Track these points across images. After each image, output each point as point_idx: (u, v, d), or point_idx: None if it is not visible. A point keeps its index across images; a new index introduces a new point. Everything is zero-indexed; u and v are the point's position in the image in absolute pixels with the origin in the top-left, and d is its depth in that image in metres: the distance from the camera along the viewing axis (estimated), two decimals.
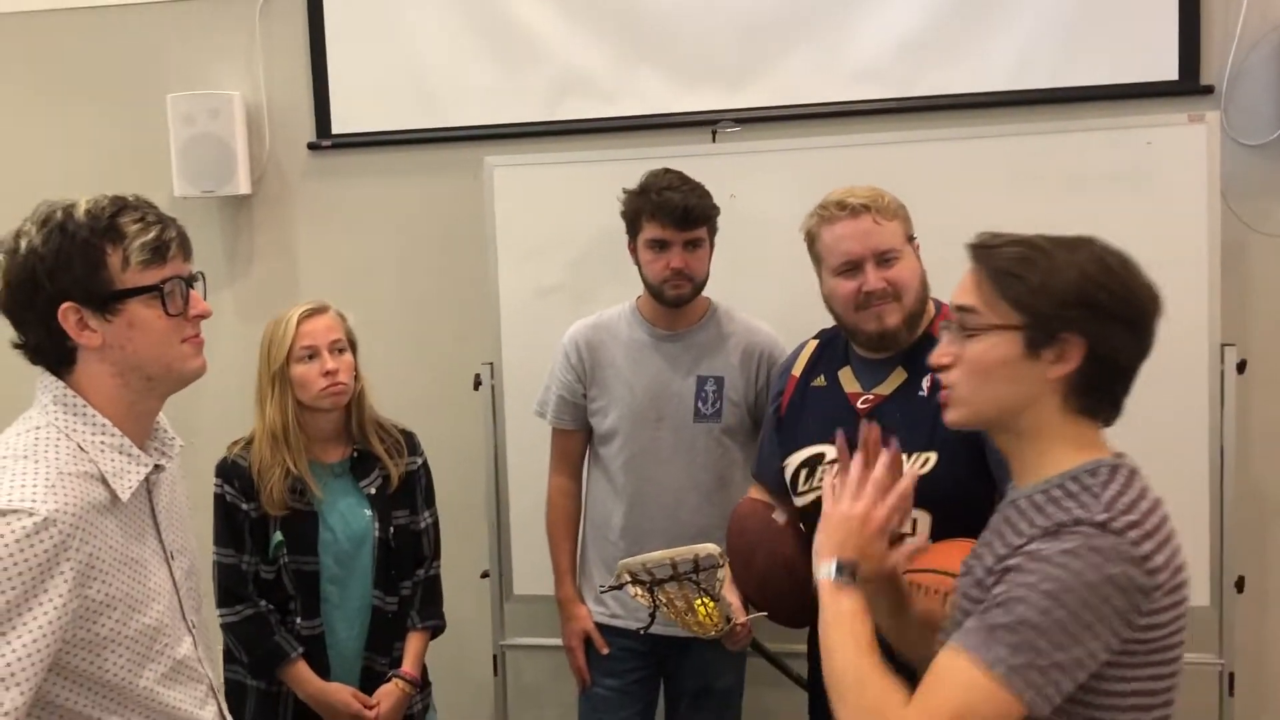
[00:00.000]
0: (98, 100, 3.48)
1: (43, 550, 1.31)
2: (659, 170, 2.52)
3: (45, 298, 1.41)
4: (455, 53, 3.25)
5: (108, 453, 1.44)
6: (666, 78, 3.14)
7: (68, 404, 1.44)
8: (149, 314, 1.45)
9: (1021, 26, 2.93)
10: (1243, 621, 2.78)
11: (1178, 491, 2.59)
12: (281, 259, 3.44)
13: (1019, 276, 1.37)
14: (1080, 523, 1.28)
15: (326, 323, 2.40)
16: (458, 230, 3.26)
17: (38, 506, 1.32)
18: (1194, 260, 2.65)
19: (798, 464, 2.06)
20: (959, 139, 2.81)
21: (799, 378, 2.15)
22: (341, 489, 2.43)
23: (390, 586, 2.45)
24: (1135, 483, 1.35)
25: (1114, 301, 1.35)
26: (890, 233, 2.02)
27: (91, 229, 1.42)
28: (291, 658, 2.35)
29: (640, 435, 2.54)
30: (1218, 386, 2.67)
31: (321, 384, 2.35)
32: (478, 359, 3.10)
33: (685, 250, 2.45)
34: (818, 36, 3.05)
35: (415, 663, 2.48)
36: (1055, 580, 1.25)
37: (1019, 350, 1.36)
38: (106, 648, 1.39)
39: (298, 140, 3.40)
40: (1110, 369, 1.37)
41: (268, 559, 2.36)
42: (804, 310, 2.84)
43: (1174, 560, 1.31)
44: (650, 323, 2.58)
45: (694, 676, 2.60)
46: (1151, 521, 1.30)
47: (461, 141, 3.26)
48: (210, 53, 3.41)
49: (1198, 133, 2.66)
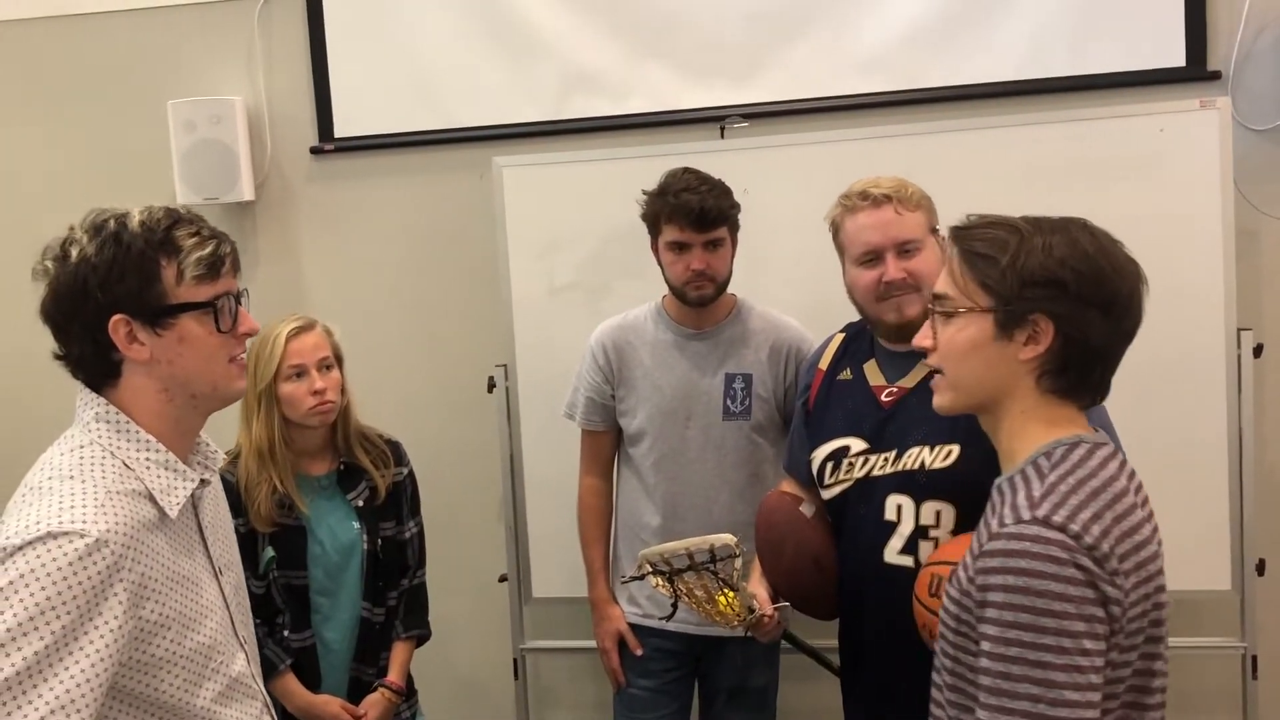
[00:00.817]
0: (99, 107, 3.44)
1: (96, 573, 1.28)
2: (677, 170, 2.50)
3: (95, 308, 1.38)
4: (459, 52, 3.22)
5: (154, 469, 1.41)
6: (674, 74, 3.12)
7: (111, 421, 1.41)
8: (200, 330, 1.43)
9: (1029, 16, 2.93)
10: (1264, 604, 2.79)
11: (1196, 476, 2.68)
12: (286, 265, 3.42)
13: (989, 258, 1.39)
14: (1018, 537, 1.28)
15: (314, 340, 2.38)
16: (466, 232, 3.24)
17: (89, 528, 1.29)
18: (1208, 246, 2.67)
19: (824, 457, 2.06)
20: (969, 129, 2.80)
21: (825, 371, 2.15)
22: (329, 502, 2.42)
23: (378, 597, 2.45)
24: (1090, 460, 1.35)
25: (1082, 283, 1.35)
26: (912, 223, 2.01)
27: (147, 241, 1.39)
28: (280, 670, 2.35)
29: (670, 435, 2.53)
30: (1235, 371, 2.68)
31: (310, 403, 2.34)
32: (491, 361, 3.08)
33: (706, 251, 2.44)
34: (825, 29, 3.04)
35: (401, 672, 2.49)
36: (1012, 629, 1.26)
37: (990, 332, 1.38)
38: (162, 668, 1.37)
39: (300, 144, 3.37)
40: (1083, 350, 1.37)
41: (257, 574, 2.35)
42: (816, 305, 2.85)
43: (1124, 534, 1.30)
44: (676, 322, 2.57)
45: (728, 675, 2.59)
46: (1098, 502, 1.30)
47: (468, 142, 3.23)
48: (210, 58, 3.37)
49: (1209, 118, 2.67)
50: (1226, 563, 2.72)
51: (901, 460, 1.94)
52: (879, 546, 1.94)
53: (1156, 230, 2.65)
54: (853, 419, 2.04)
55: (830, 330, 2.76)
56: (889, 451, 1.96)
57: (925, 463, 1.91)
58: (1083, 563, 1.25)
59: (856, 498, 1.99)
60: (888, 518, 1.94)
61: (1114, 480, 1.34)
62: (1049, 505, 1.30)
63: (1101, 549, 1.27)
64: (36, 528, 1.27)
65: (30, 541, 1.26)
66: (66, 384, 1.48)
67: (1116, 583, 1.27)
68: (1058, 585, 1.25)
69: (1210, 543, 2.71)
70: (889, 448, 1.96)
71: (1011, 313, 1.37)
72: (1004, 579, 1.27)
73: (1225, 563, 2.72)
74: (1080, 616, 1.24)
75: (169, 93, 3.33)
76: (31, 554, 1.25)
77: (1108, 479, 1.34)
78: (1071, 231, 1.38)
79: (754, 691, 2.60)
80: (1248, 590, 2.72)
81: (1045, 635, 1.24)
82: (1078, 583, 1.25)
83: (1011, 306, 1.37)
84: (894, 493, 1.94)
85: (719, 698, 2.63)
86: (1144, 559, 1.31)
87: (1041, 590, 1.25)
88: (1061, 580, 1.25)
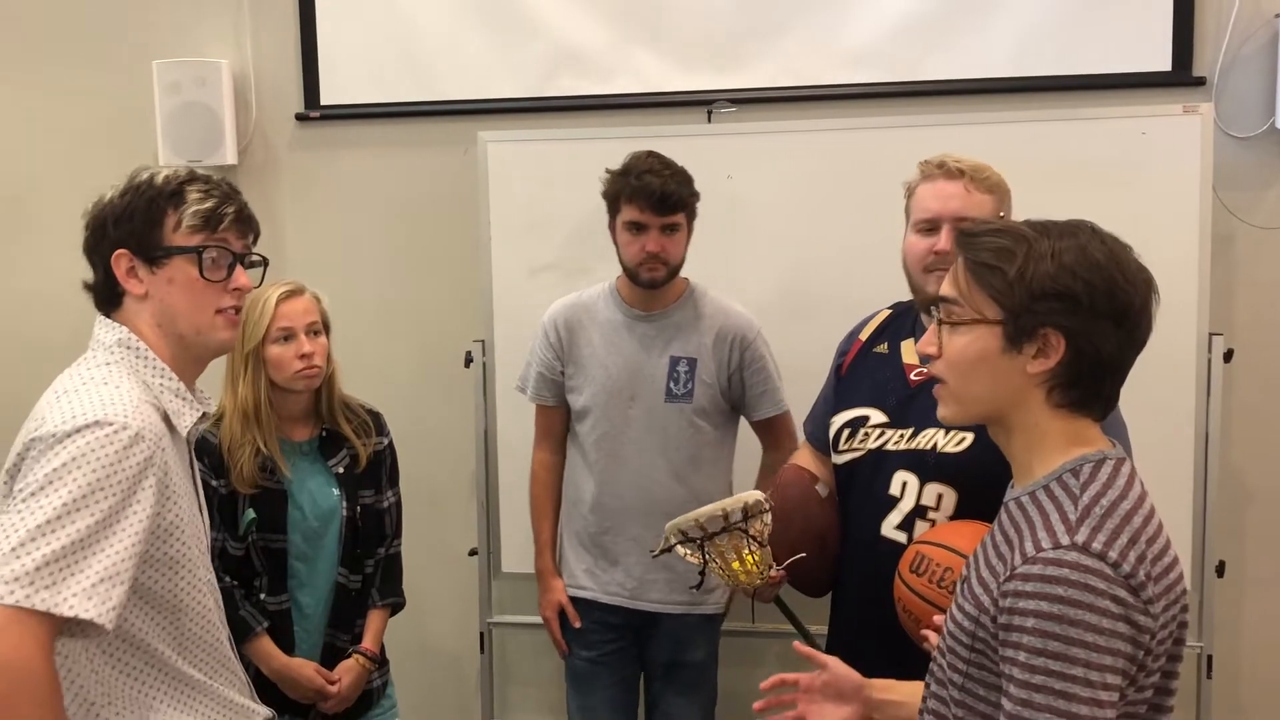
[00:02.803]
0: (83, 64, 3.41)
1: (136, 462, 1.43)
2: (641, 153, 2.53)
3: (108, 242, 1.58)
4: (448, 25, 3.21)
5: (167, 394, 1.57)
6: (662, 57, 3.12)
7: (132, 347, 1.57)
8: (188, 274, 1.58)
9: (1018, 14, 2.94)
10: (1222, 605, 2.84)
11: (1163, 477, 2.69)
12: (267, 231, 3.28)
13: (996, 269, 1.32)
14: (1057, 564, 1.24)
15: (304, 305, 2.40)
16: (449, 205, 3.23)
17: (130, 421, 1.44)
18: (1184, 250, 2.69)
19: (842, 423, 2.08)
20: (954, 124, 2.82)
21: (864, 342, 2.16)
22: (310, 468, 2.44)
23: (355, 564, 2.47)
24: (1118, 478, 1.31)
25: (1094, 295, 1.28)
26: (976, 203, 1.99)
27: (159, 191, 1.58)
28: (256, 632, 2.36)
29: (613, 414, 2.58)
30: (1205, 375, 2.71)
31: (297, 366, 2.36)
32: (469, 336, 3.08)
33: (662, 234, 2.48)
34: (815, 18, 3.04)
35: (375, 639, 2.51)
36: (1039, 653, 1.22)
37: (999, 344, 1.32)
38: (174, 568, 1.52)
39: (285, 110, 3.35)
40: (1095, 363, 1.31)
41: (237, 535, 2.36)
42: (797, 292, 2.88)
43: (1156, 556, 1.26)
44: (627, 303, 2.61)
45: (664, 650, 2.65)
46: (1133, 525, 1.26)
47: (453, 115, 3.22)
48: (198, 19, 3.35)
49: (1192, 123, 2.69)
50: (1188, 564, 2.74)
51: (916, 439, 1.96)
52: (878, 519, 1.97)
53: (1133, 232, 2.57)
54: (879, 391, 2.06)
55: (805, 318, 2.80)
56: (906, 429, 1.98)
57: (938, 445, 1.93)
58: (1119, 594, 1.22)
59: (866, 468, 2.02)
60: (892, 492, 1.96)
61: (1143, 499, 1.31)
62: (1087, 531, 1.25)
63: (1138, 577, 1.23)
64: (84, 416, 1.42)
65: (80, 428, 1.41)
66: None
67: (1150, 610, 1.23)
68: (1093, 616, 1.21)
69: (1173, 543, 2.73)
70: (907, 425, 1.98)
71: (1020, 326, 1.31)
72: (1038, 604, 1.23)
73: (1186, 564, 2.71)
74: (1109, 650, 1.21)
75: (154, 53, 3.30)
76: (80, 440, 1.40)
77: (1137, 499, 1.30)
78: (1080, 238, 1.32)
79: (691, 667, 2.66)
80: (1207, 591, 2.76)
81: (1075, 666, 1.21)
82: (1112, 616, 1.21)
83: (1021, 320, 1.30)
84: (902, 469, 1.96)
85: (657, 673, 2.69)
86: (1173, 580, 1.28)
87: (1076, 619, 1.21)
88: (1097, 612, 1.21)
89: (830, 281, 2.84)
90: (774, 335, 2.67)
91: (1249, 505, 2.97)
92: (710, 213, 2.62)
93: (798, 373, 2.58)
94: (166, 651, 1.54)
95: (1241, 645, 3.00)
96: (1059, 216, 1.41)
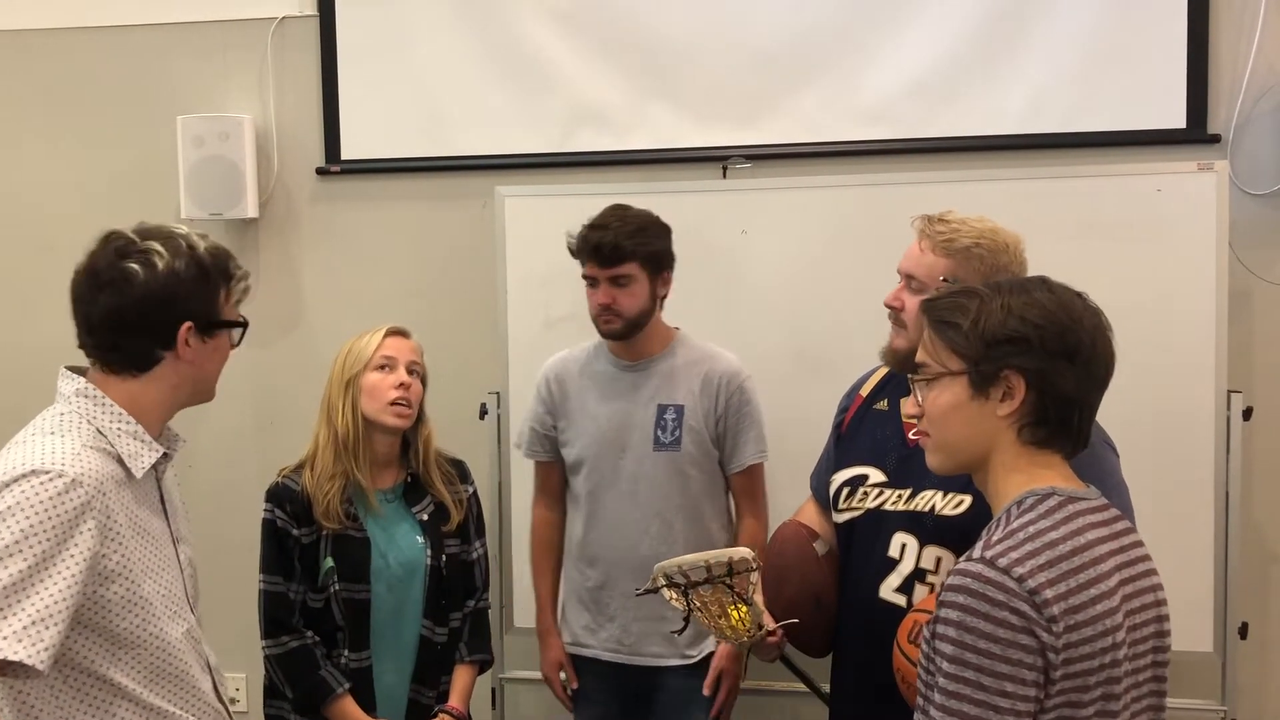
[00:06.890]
0: (108, 120, 3.48)
1: (71, 507, 1.47)
2: (610, 206, 2.56)
3: (175, 314, 1.61)
4: (468, 82, 3.26)
5: (124, 438, 1.60)
6: (679, 113, 3.16)
7: (90, 395, 1.61)
8: (225, 344, 1.71)
9: (1033, 71, 2.96)
10: (1245, 667, 2.79)
11: (1182, 537, 2.68)
12: (287, 283, 3.43)
13: (954, 324, 1.45)
14: (962, 573, 1.34)
15: (410, 344, 2.44)
16: (466, 259, 3.26)
17: (66, 469, 1.49)
18: (1202, 307, 2.68)
19: (841, 481, 2.07)
20: (969, 181, 2.81)
21: (865, 398, 2.15)
22: (395, 514, 2.39)
23: (440, 617, 2.39)
24: (1057, 513, 1.38)
25: (1044, 336, 1.40)
26: (926, 264, 1.98)
27: (215, 266, 1.66)
28: (338, 693, 2.28)
29: (604, 465, 2.58)
30: (1224, 433, 2.68)
31: (392, 395, 2.33)
32: (484, 388, 3.09)
33: (611, 286, 2.49)
34: (830, 75, 3.08)
35: (463, 697, 2.42)
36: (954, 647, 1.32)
37: (967, 392, 1.44)
38: (120, 610, 1.54)
39: (306, 165, 3.40)
40: (1057, 400, 1.42)
41: (316, 586, 2.31)
42: (810, 347, 2.87)
43: (1080, 586, 1.32)
44: (614, 354, 2.62)
45: (666, 712, 2.60)
46: (1056, 551, 1.34)
47: (472, 170, 3.26)
48: (222, 75, 3.41)
49: (1207, 181, 2.69)
50: (1210, 625, 2.71)
51: (914, 500, 1.94)
52: (877, 580, 1.95)
53: (1150, 290, 2.67)
54: (878, 449, 2.05)
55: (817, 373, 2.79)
56: (904, 489, 1.97)
57: (936, 507, 1.91)
58: (1019, 607, 1.30)
59: (866, 528, 2.00)
60: (891, 554, 1.94)
61: (1080, 534, 1.37)
62: (1000, 548, 1.35)
63: (1043, 595, 1.30)
64: (23, 465, 1.48)
65: (17, 478, 1.47)
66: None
67: (1053, 629, 1.29)
68: (988, 625, 1.30)
69: (1194, 604, 2.70)
70: (905, 485, 1.97)
71: (982, 372, 1.43)
72: (945, 613, 1.34)
73: (1208, 625, 2.71)
74: (1005, 659, 1.29)
75: (179, 108, 3.36)
76: (17, 489, 1.46)
77: (1072, 533, 1.37)
78: (1030, 290, 1.44)
79: None
80: (1230, 653, 2.72)
81: (967, 670, 1.30)
82: (1010, 626, 1.29)
83: (981, 366, 1.43)
84: (901, 530, 1.94)
85: None
86: (1098, 613, 1.32)
87: (972, 627, 1.30)
88: (993, 621, 1.30)
89: (842, 337, 2.82)
90: (786, 390, 2.67)
91: (1272, 565, 2.93)
92: (724, 267, 2.63)
93: (809, 427, 2.54)
94: (130, 684, 1.56)
95: (1266, 709, 2.94)
96: (1076, 274, 1.50)
